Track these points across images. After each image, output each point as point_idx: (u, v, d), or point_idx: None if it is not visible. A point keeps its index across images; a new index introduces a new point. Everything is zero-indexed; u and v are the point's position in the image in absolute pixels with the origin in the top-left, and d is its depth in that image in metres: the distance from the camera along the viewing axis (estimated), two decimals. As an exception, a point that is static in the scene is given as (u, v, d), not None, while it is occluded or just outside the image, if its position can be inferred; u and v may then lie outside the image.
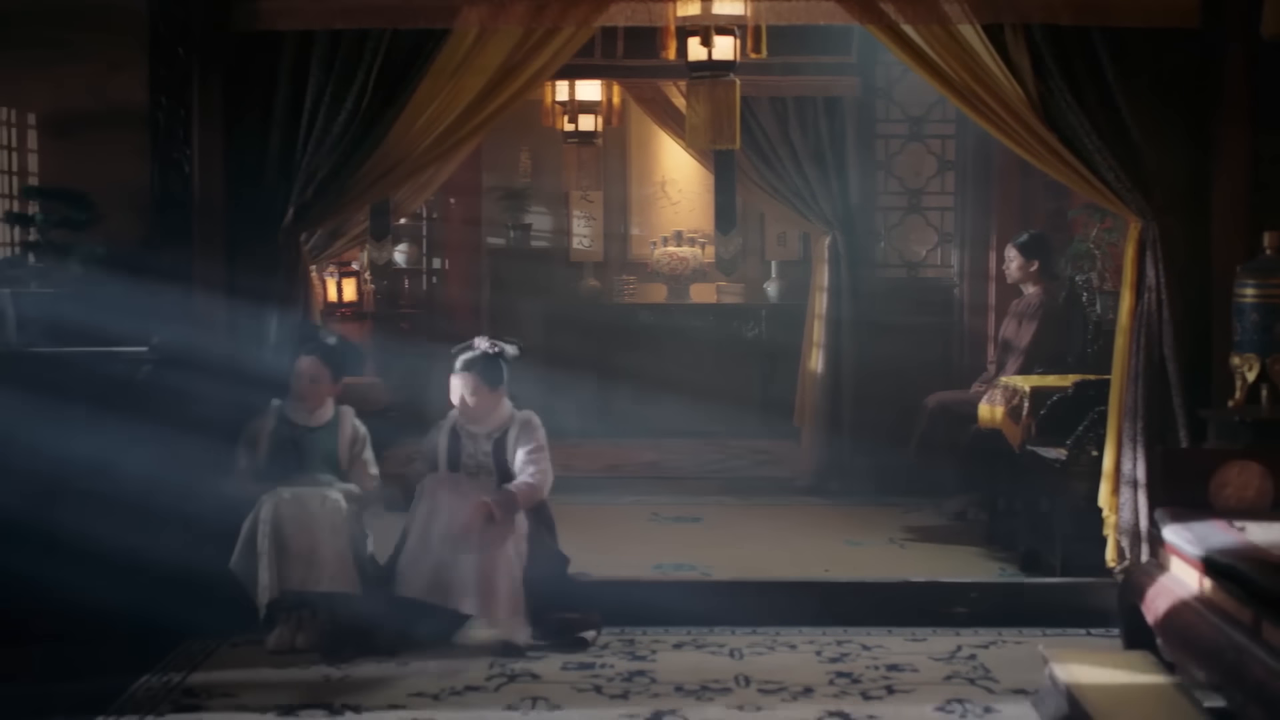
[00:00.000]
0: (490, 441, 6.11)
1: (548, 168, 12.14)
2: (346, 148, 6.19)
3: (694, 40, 7.14)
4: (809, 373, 9.14)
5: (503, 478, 6.06)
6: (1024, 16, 6.03)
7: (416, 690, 5.22)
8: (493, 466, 6.09)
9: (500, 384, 6.13)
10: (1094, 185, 6.14)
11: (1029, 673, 5.20)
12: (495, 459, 6.10)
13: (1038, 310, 7.95)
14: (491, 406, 6.11)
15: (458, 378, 6.09)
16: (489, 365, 6.09)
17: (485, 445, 6.12)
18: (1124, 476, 6.08)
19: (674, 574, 6.79)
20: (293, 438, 6.06)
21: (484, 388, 6.08)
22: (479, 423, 6.11)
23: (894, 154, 9.66)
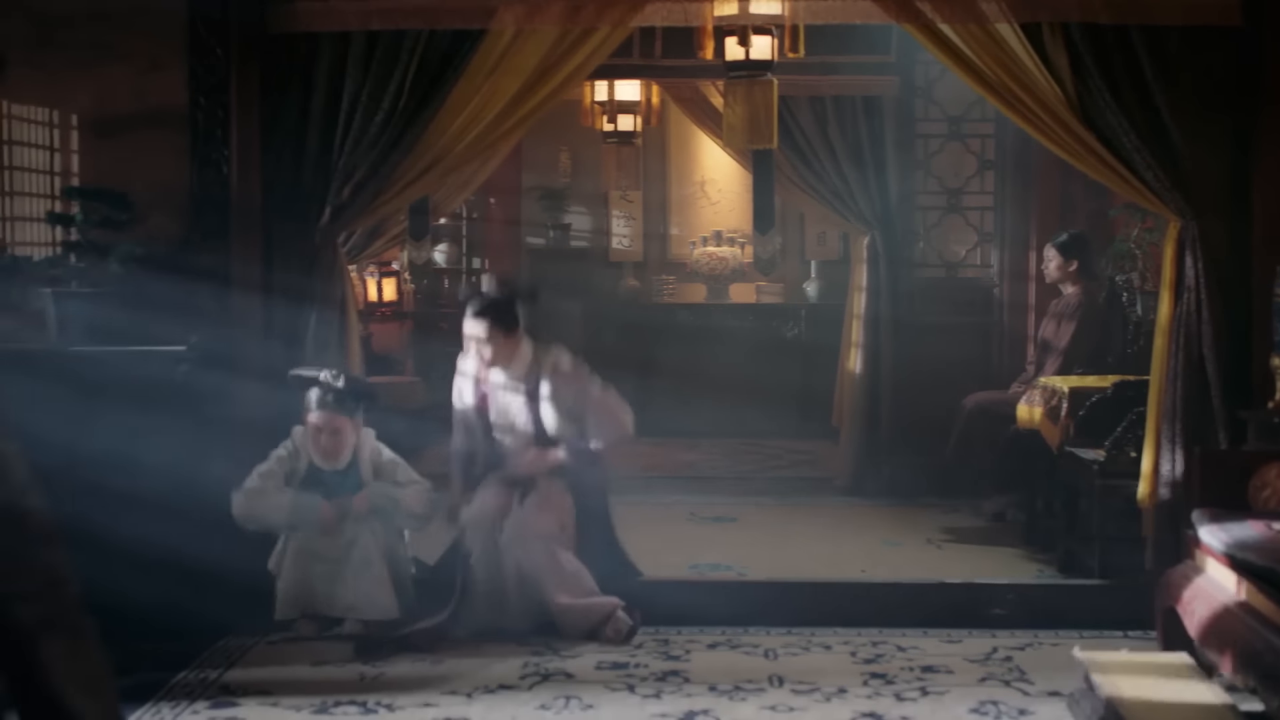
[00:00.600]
0: (522, 393, 5.94)
1: (587, 168, 12.16)
2: (383, 148, 6.22)
3: (731, 40, 7.15)
4: (847, 373, 9.13)
5: (539, 431, 5.92)
6: (1062, 15, 5.99)
7: (450, 688, 5.23)
8: (529, 419, 5.94)
9: (516, 327, 5.91)
10: (1133, 185, 6.10)
11: (1065, 675, 5.17)
12: (531, 411, 5.92)
13: (1077, 310, 7.91)
14: (510, 352, 5.93)
15: (470, 324, 5.91)
16: (504, 308, 5.89)
17: (517, 396, 5.94)
18: (1162, 477, 6.04)
19: (710, 574, 6.79)
20: (319, 481, 5.98)
21: (499, 333, 5.89)
22: (501, 371, 5.95)
23: (933, 153, 9.62)
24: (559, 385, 5.94)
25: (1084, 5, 5.96)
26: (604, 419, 5.99)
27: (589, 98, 10.38)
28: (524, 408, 5.96)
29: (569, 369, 6.00)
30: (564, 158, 12.28)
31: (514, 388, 5.96)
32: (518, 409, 5.97)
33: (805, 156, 8.83)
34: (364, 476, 6.03)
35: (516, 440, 5.99)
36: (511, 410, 5.98)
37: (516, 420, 5.98)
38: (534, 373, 5.97)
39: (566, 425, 5.97)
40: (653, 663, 5.55)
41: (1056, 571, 6.78)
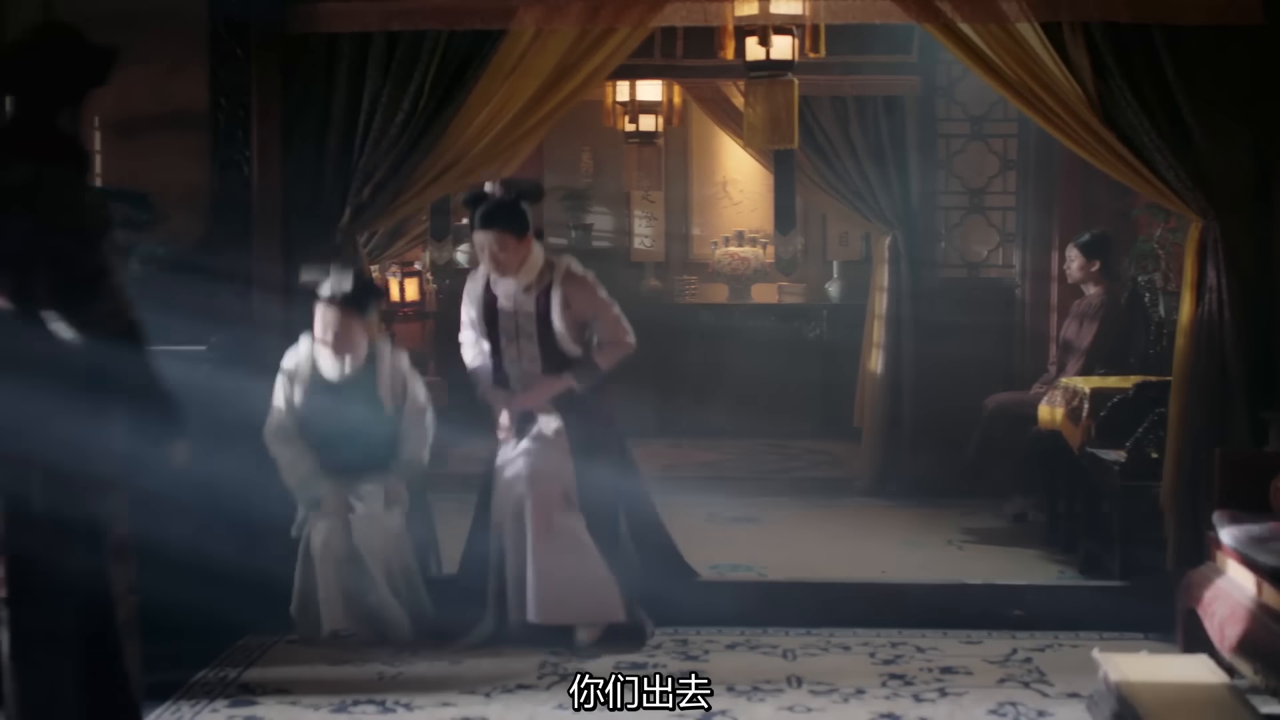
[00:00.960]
0: (532, 300, 5.81)
1: (609, 168, 12.13)
2: (403, 148, 6.23)
3: (752, 40, 7.16)
4: (868, 373, 9.12)
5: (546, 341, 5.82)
6: (1082, 14, 5.97)
7: (468, 688, 5.24)
8: (535, 330, 5.81)
9: (526, 229, 5.77)
10: (1154, 184, 6.07)
11: (1084, 676, 5.15)
12: (539, 321, 5.80)
13: (1099, 311, 7.87)
14: (522, 258, 5.79)
15: (479, 235, 5.76)
16: (510, 212, 5.75)
17: (527, 305, 5.83)
18: (1183, 479, 6.01)
19: (729, 574, 6.79)
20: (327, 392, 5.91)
21: (510, 238, 5.73)
22: (515, 277, 5.83)
23: (955, 153, 9.58)
24: (570, 290, 5.83)
25: (1105, 4, 5.93)
26: (610, 325, 5.92)
27: (611, 98, 10.38)
28: (533, 318, 5.83)
29: (581, 273, 5.92)
30: (586, 158, 12.27)
31: (525, 296, 5.84)
32: (527, 317, 5.84)
33: (827, 156, 8.82)
34: (382, 395, 5.96)
35: (526, 352, 5.88)
36: (521, 319, 5.85)
37: (525, 329, 5.85)
38: (545, 278, 5.85)
39: (577, 334, 5.88)
40: (671, 663, 5.56)
41: (1077, 573, 6.76)
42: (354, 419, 5.92)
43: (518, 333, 5.86)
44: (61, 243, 3.68)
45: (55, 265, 3.67)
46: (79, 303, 3.68)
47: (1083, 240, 8.02)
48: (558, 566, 5.74)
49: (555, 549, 5.76)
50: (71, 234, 3.69)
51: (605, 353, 5.94)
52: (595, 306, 5.89)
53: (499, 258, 5.76)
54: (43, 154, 3.77)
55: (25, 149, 3.79)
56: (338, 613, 5.79)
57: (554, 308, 5.80)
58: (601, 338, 5.94)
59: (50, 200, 3.70)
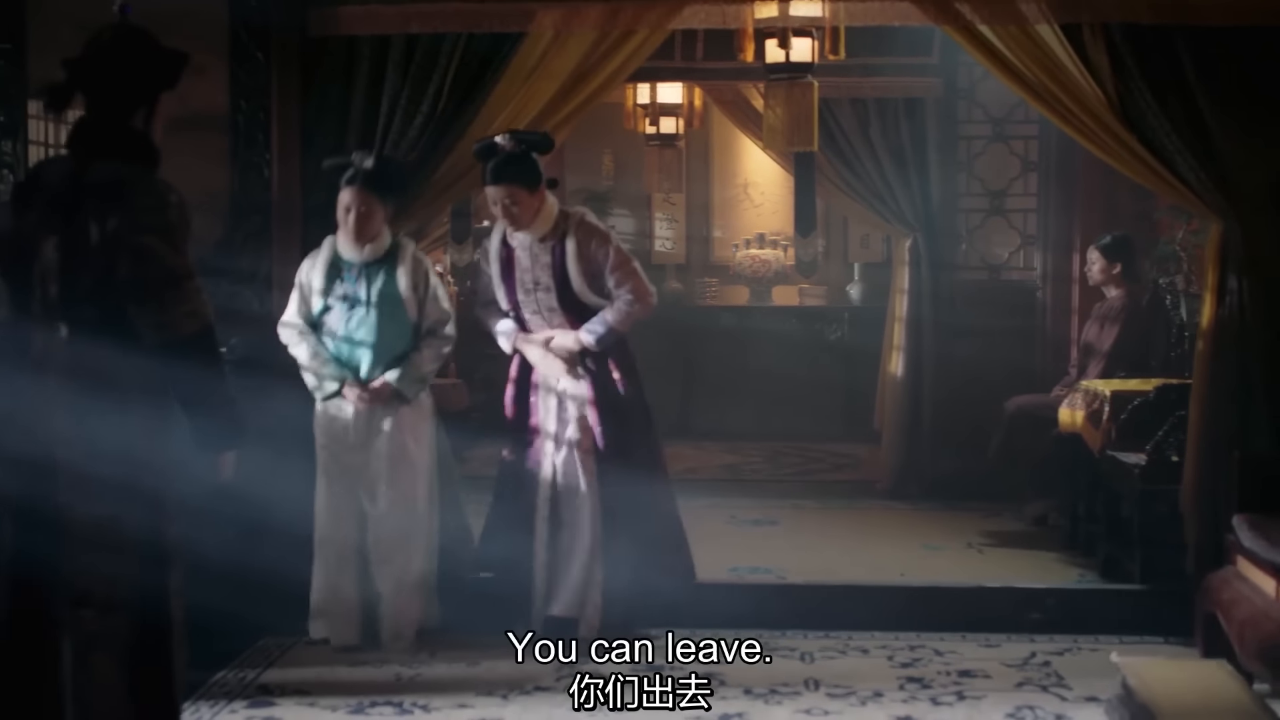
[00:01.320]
0: (547, 250, 5.82)
1: (630, 170, 12.14)
2: (422, 151, 6.23)
3: (771, 42, 7.15)
4: (889, 376, 9.11)
5: (564, 292, 5.81)
6: (1102, 16, 5.93)
7: (486, 689, 5.25)
8: (551, 281, 5.82)
9: (539, 182, 5.75)
10: (1175, 187, 6.05)
11: (1103, 680, 5.13)
12: (555, 271, 5.80)
13: (1120, 313, 7.85)
14: (536, 210, 5.77)
15: (492, 190, 5.73)
16: (522, 165, 5.71)
17: (543, 256, 5.84)
18: (1204, 482, 5.98)
19: (748, 577, 6.78)
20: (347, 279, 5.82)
21: (522, 191, 5.72)
22: (530, 230, 5.82)
23: (976, 155, 9.56)
24: (583, 239, 5.81)
25: (1125, 5, 5.89)
26: (624, 278, 5.84)
27: (631, 100, 10.39)
28: (549, 268, 5.82)
29: (594, 223, 5.90)
30: (607, 160, 12.29)
31: (540, 246, 5.84)
32: (543, 268, 5.83)
33: (847, 159, 8.82)
34: (401, 289, 5.81)
35: (544, 304, 5.87)
36: (538, 270, 5.85)
37: (543, 281, 5.84)
38: (560, 228, 5.87)
39: (594, 285, 5.84)
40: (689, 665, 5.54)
41: (1098, 576, 6.73)
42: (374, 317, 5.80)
43: (535, 285, 5.86)
44: (146, 241, 3.70)
45: (139, 263, 3.68)
46: (160, 301, 3.71)
47: (1104, 242, 7.99)
48: (579, 562, 5.84)
49: (579, 545, 5.84)
50: (159, 232, 3.72)
51: (618, 309, 5.87)
52: (609, 257, 5.84)
53: (512, 211, 5.75)
54: (119, 154, 3.82)
55: (101, 149, 3.83)
56: (351, 628, 5.83)
57: (568, 256, 5.79)
58: (615, 292, 5.87)
59: (136, 199, 3.74)
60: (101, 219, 3.71)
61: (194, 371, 3.77)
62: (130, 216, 3.71)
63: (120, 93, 3.90)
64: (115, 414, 3.78)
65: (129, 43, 3.96)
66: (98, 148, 3.83)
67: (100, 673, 3.80)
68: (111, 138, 3.85)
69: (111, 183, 3.75)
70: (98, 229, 3.71)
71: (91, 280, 3.75)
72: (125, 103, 3.90)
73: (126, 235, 3.69)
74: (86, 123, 3.89)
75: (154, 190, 3.78)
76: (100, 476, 3.77)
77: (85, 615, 3.79)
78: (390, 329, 5.81)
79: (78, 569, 3.78)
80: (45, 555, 3.78)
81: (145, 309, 3.71)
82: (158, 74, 3.99)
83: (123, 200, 3.72)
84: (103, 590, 3.79)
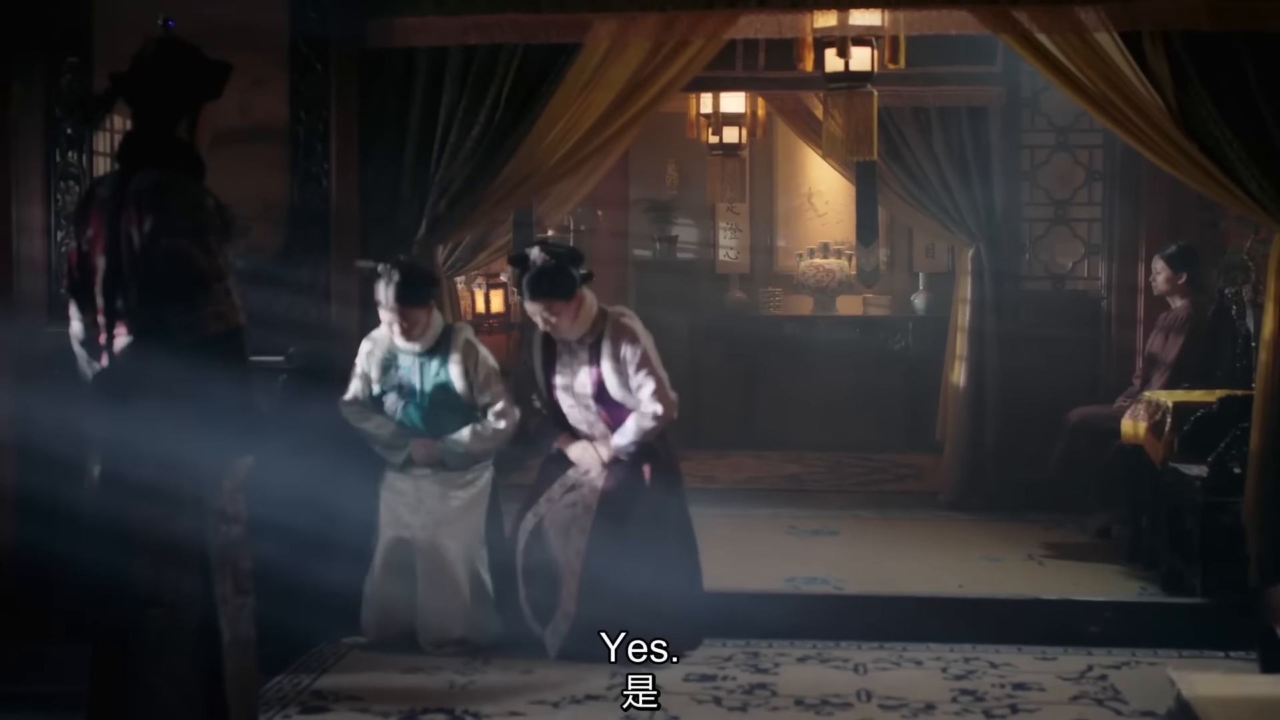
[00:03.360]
0: (585, 348, 5.91)
1: (694, 180, 12.13)
2: (479, 161, 6.29)
3: (831, 51, 7.12)
4: (951, 386, 9.05)
5: (600, 390, 5.89)
6: (1162, 23, 5.88)
7: (538, 698, 5.27)
8: (588, 380, 5.89)
9: (573, 291, 5.79)
10: (1236, 195, 5.98)
11: (1160, 695, 5.01)
12: (592, 370, 5.89)
13: (1185, 324, 7.76)
14: (574, 315, 5.84)
15: (530, 304, 5.83)
16: (555, 278, 5.76)
17: (581, 353, 5.92)
18: (1265, 494, 5.90)
19: (804, 587, 6.74)
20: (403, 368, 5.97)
21: (559, 303, 5.79)
22: (569, 333, 5.89)
23: (1040, 164, 9.48)
24: (616, 338, 5.86)
25: (1186, 13, 5.83)
26: (646, 386, 5.86)
27: (694, 110, 10.38)
28: (587, 365, 5.92)
29: (630, 325, 5.91)
30: (671, 170, 12.30)
31: (579, 345, 5.92)
32: (581, 365, 5.93)
33: (909, 168, 8.78)
34: (451, 374, 5.92)
35: (581, 400, 5.95)
36: (576, 366, 5.94)
37: (580, 379, 5.93)
38: (599, 326, 5.92)
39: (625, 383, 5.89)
40: (741, 675, 5.54)
41: (1159, 589, 6.64)
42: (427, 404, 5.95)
43: (574, 379, 5.95)
44: (180, 243, 3.78)
45: (172, 262, 3.77)
46: (188, 301, 3.78)
47: (1169, 252, 7.90)
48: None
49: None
50: (191, 235, 3.80)
51: (639, 423, 5.91)
52: (635, 356, 5.88)
53: (550, 321, 5.85)
54: (162, 161, 3.91)
55: (145, 157, 3.93)
56: (391, 627, 5.96)
57: (603, 357, 5.88)
58: (638, 395, 5.91)
59: (171, 203, 3.82)
60: (141, 224, 3.81)
61: (217, 373, 3.81)
62: (165, 220, 3.80)
63: (163, 103, 3.98)
64: (167, 421, 3.84)
65: (171, 55, 4.03)
66: (142, 157, 3.93)
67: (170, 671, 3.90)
68: (155, 147, 3.95)
69: (150, 189, 3.84)
70: (138, 235, 3.81)
71: (138, 286, 3.84)
72: (168, 113, 3.98)
73: (160, 237, 3.78)
74: (132, 134, 4.00)
75: (188, 194, 3.87)
76: (152, 482, 3.86)
77: (154, 614, 3.89)
78: (443, 415, 5.98)
79: (141, 573, 3.88)
80: (114, 560, 3.90)
81: (174, 309, 3.79)
82: (200, 85, 4.08)
83: (159, 205, 3.81)
84: (168, 593, 3.89)
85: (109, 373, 3.95)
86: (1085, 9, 5.88)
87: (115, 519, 3.90)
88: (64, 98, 6.34)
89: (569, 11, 6.12)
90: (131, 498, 3.88)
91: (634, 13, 6.13)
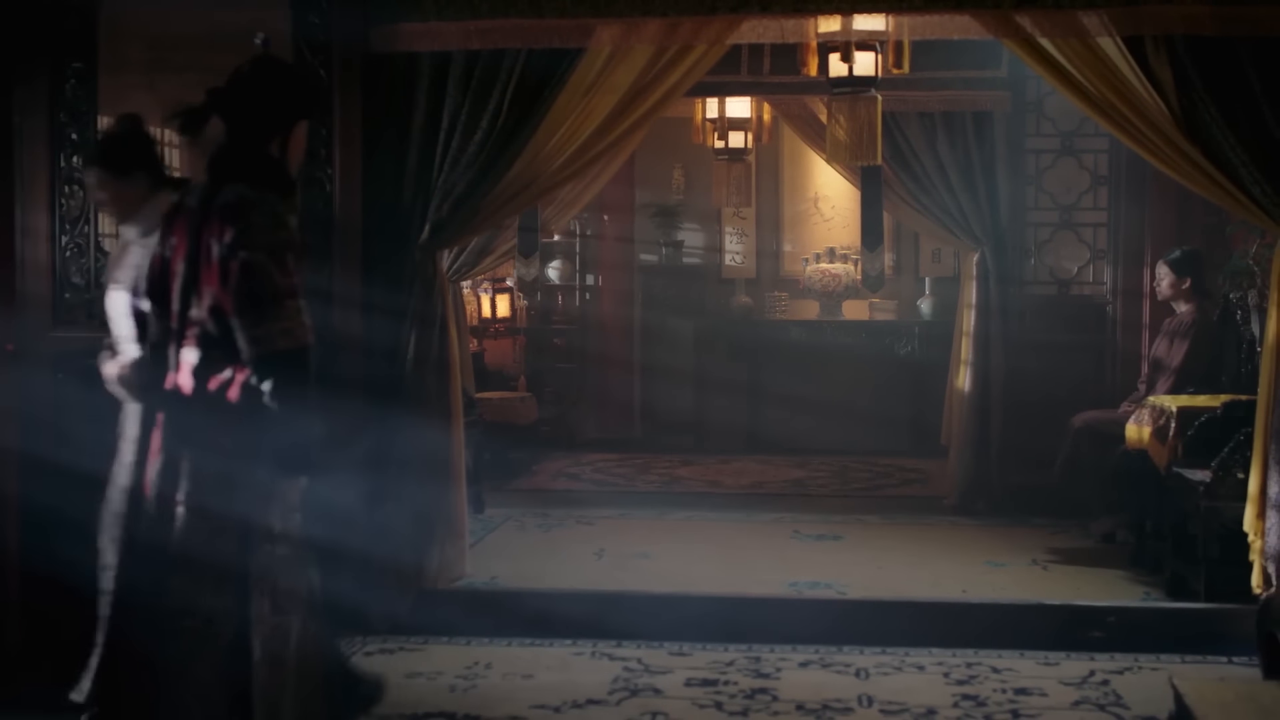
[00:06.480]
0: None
1: (700, 184, 12.13)
2: (482, 166, 6.29)
3: (835, 56, 7.14)
4: (956, 391, 9.05)
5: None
6: (1166, 28, 5.86)
7: (539, 702, 5.27)
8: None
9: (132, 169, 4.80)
10: (1239, 200, 5.96)
11: (1161, 700, 5.03)
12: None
13: (1190, 329, 7.75)
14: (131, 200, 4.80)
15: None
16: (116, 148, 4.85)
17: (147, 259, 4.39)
18: (1270, 500, 5.88)
19: (807, 592, 6.75)
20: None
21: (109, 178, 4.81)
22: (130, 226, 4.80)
23: (1045, 169, 9.48)
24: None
25: (1189, 18, 5.82)
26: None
27: (700, 115, 10.39)
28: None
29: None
30: (677, 175, 12.31)
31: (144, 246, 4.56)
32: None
33: (914, 173, 8.78)
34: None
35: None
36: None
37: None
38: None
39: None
40: (742, 680, 5.54)
41: (1163, 594, 6.65)
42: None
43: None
44: (258, 257, 3.85)
45: (244, 277, 3.83)
46: (259, 314, 3.84)
47: (1173, 257, 7.90)
48: None
49: None
50: (269, 251, 3.86)
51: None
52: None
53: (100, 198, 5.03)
54: (252, 177, 3.99)
55: (235, 171, 4.01)
56: None
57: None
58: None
59: (254, 218, 3.89)
60: (221, 236, 3.88)
61: (279, 389, 3.86)
62: (245, 234, 3.87)
63: (256, 121, 4.09)
64: (223, 436, 3.93)
65: (267, 73, 4.17)
66: (232, 172, 4.02)
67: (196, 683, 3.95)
68: (246, 163, 4.04)
69: (234, 203, 3.92)
70: (218, 246, 3.89)
71: (212, 296, 3.91)
72: (261, 130, 4.09)
73: (239, 250, 3.85)
74: (224, 148, 4.08)
75: (272, 211, 3.94)
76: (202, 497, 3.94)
77: (187, 625, 3.93)
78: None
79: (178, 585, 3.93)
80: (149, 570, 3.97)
81: (244, 321, 3.85)
82: (294, 104, 4.19)
83: (241, 219, 3.89)
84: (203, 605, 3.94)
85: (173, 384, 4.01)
86: (1088, 14, 5.87)
87: (155, 528, 3.96)
88: (68, 102, 6.35)
89: (572, 17, 6.11)
90: (178, 509, 3.93)
91: (637, 18, 6.11)
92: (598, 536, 8.02)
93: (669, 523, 8.51)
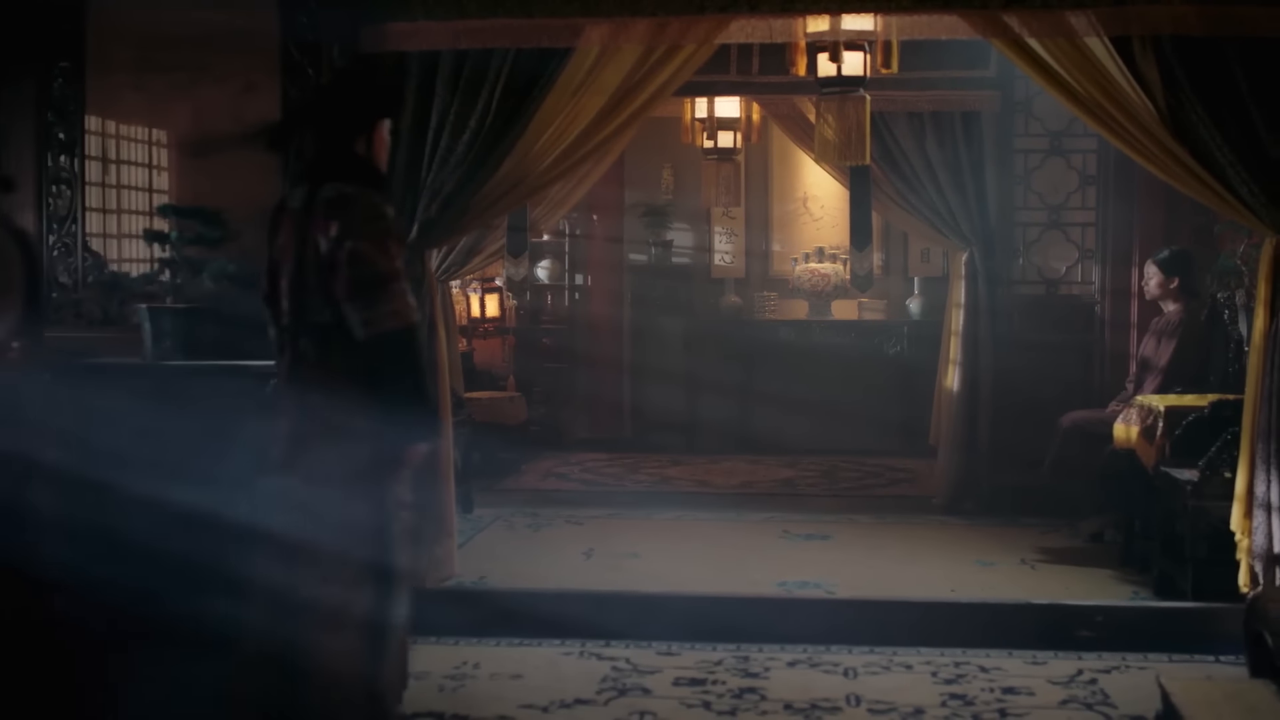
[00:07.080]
0: None
1: (689, 184, 12.13)
2: (470, 166, 6.29)
3: (823, 56, 7.13)
4: (945, 391, 9.05)
5: None
6: (1153, 28, 5.88)
7: (527, 702, 5.27)
8: None
9: None
10: (1227, 200, 5.97)
11: (1149, 699, 5.06)
12: None
13: (1178, 328, 7.77)
14: None
15: None
16: None
17: None
18: (1257, 499, 5.90)
19: (796, 591, 6.75)
20: None
21: None
22: None
23: (1033, 169, 9.50)
24: None
25: (1176, 18, 5.84)
26: None
27: (689, 115, 10.39)
28: None
29: None
30: (666, 174, 12.31)
31: None
32: None
33: (903, 172, 8.78)
34: None
35: None
36: None
37: None
38: None
39: None
40: (731, 680, 5.54)
41: (1151, 594, 6.65)
42: None
43: None
44: (363, 245, 4.18)
45: (351, 264, 4.16)
46: (369, 299, 4.16)
47: (1161, 256, 7.92)
48: None
49: None
50: (372, 239, 4.20)
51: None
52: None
53: None
54: (346, 176, 4.34)
55: (331, 172, 4.35)
56: None
57: None
58: None
59: (355, 210, 4.23)
60: (327, 231, 4.21)
61: (393, 366, 4.18)
62: (350, 225, 4.20)
63: (342, 125, 4.46)
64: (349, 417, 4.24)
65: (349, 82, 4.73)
66: (328, 173, 4.35)
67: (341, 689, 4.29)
68: (339, 164, 4.38)
69: (335, 199, 4.25)
70: (324, 240, 4.21)
71: (323, 286, 4.23)
72: (347, 133, 4.44)
73: (345, 240, 4.18)
74: (318, 153, 4.48)
75: (370, 204, 4.28)
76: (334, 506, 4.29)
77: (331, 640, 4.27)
78: None
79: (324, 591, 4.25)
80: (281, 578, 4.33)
81: (354, 305, 4.17)
82: (375, 106, 4.58)
83: (344, 212, 4.22)
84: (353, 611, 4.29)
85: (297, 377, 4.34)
86: (1076, 14, 5.89)
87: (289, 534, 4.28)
88: (55, 102, 6.35)
89: (560, 16, 6.13)
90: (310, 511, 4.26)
91: (625, 18, 6.13)
92: (587, 536, 8.02)
93: (658, 522, 8.51)
